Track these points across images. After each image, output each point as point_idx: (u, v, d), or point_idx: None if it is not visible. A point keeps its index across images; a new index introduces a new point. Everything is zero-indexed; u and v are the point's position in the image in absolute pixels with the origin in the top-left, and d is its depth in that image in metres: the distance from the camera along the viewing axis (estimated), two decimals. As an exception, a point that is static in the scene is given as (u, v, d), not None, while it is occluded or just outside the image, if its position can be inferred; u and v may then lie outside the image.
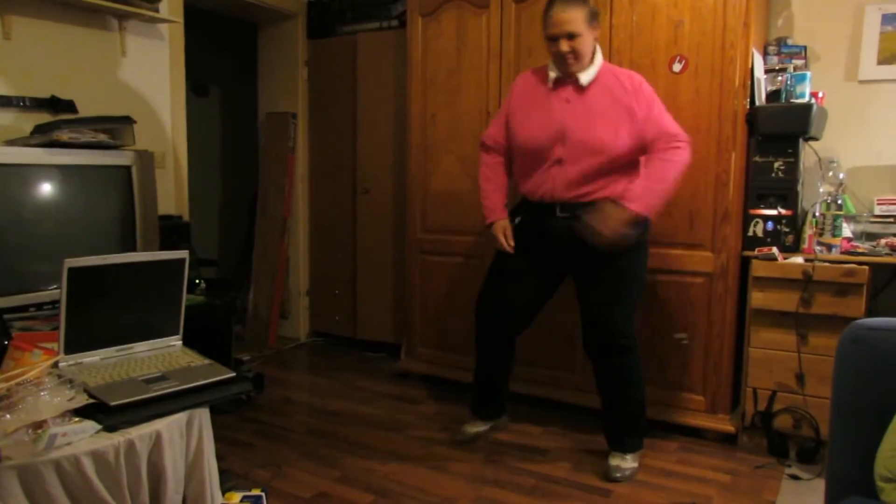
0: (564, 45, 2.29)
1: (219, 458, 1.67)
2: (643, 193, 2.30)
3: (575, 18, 2.26)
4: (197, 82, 4.51)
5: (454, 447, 2.71)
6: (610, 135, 2.33)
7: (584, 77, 2.37)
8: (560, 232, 2.41)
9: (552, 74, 2.42)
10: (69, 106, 2.71)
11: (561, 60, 2.34)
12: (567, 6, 2.28)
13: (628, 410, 2.52)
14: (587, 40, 2.32)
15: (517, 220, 2.55)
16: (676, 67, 2.72)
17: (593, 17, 2.33)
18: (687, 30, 2.69)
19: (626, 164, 2.40)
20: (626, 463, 2.47)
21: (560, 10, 2.28)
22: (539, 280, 2.57)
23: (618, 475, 2.42)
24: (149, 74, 3.08)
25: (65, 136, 2.26)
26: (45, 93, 2.65)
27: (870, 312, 2.55)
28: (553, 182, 2.41)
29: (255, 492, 1.91)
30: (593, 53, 2.39)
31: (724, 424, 2.74)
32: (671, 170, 2.31)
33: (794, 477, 2.45)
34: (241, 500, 1.86)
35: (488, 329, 2.66)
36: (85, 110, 2.74)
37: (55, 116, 2.61)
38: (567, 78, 2.39)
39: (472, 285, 3.00)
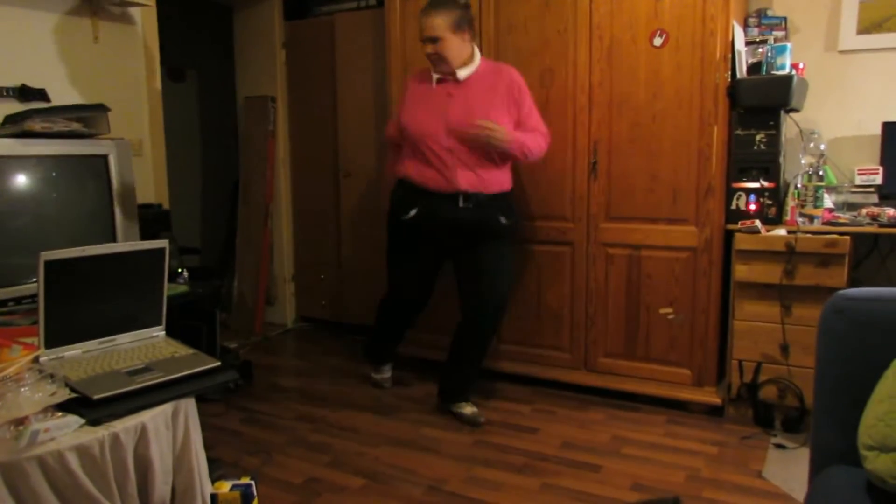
0: (429, 48, 2.56)
1: (207, 447, 1.66)
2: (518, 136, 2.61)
3: (438, 25, 2.52)
4: (173, 67, 4.43)
5: (443, 429, 2.72)
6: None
7: (462, 73, 2.63)
8: (463, 221, 2.64)
9: (435, 75, 2.65)
10: (40, 94, 2.64)
11: (429, 60, 2.61)
12: (432, 13, 2.53)
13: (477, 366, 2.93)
14: (452, 44, 2.55)
15: (413, 212, 2.69)
16: (657, 42, 2.70)
17: (461, 23, 2.56)
18: (667, 3, 2.66)
19: (506, 157, 2.66)
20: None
21: (425, 15, 2.54)
22: (436, 261, 2.85)
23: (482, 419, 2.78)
24: (122, 60, 3.01)
25: (37, 126, 2.20)
26: (14, 81, 2.59)
27: (852, 282, 2.57)
28: (452, 171, 2.59)
29: (245, 480, 1.91)
30: (472, 53, 2.65)
31: (711, 397, 2.77)
32: (535, 143, 2.63)
33: (780, 446, 2.48)
34: (231, 489, 1.86)
35: (406, 309, 3.02)
36: (57, 99, 2.68)
37: (26, 106, 2.55)
38: (448, 76, 2.64)
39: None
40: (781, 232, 2.54)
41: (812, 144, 2.73)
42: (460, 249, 2.76)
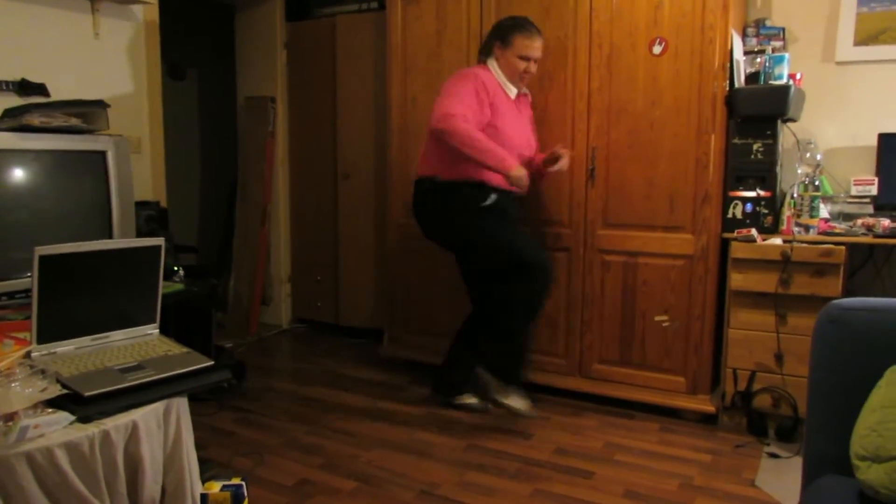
0: (533, 67, 2.74)
1: (200, 447, 1.66)
2: None
3: (541, 47, 2.73)
4: (174, 65, 4.43)
5: (437, 432, 2.71)
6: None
7: (526, 90, 2.88)
8: (515, 210, 2.89)
9: (514, 89, 2.78)
10: (40, 89, 2.64)
11: (521, 78, 2.75)
12: (540, 36, 2.72)
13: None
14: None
15: (493, 196, 2.75)
16: (656, 49, 2.71)
17: None
18: (666, 11, 2.67)
19: None
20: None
21: (538, 38, 2.71)
22: None
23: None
24: (123, 57, 3.01)
25: (36, 120, 2.20)
26: (14, 75, 2.59)
27: (847, 292, 2.58)
28: None
29: (236, 481, 1.89)
30: None
31: (705, 405, 2.76)
32: None
33: (773, 455, 2.48)
34: (221, 490, 1.84)
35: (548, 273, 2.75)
36: (57, 94, 2.68)
37: (25, 100, 2.55)
38: (522, 93, 2.86)
39: (455, 270, 3.00)
40: (777, 241, 2.55)
41: (808, 154, 2.74)
42: None
